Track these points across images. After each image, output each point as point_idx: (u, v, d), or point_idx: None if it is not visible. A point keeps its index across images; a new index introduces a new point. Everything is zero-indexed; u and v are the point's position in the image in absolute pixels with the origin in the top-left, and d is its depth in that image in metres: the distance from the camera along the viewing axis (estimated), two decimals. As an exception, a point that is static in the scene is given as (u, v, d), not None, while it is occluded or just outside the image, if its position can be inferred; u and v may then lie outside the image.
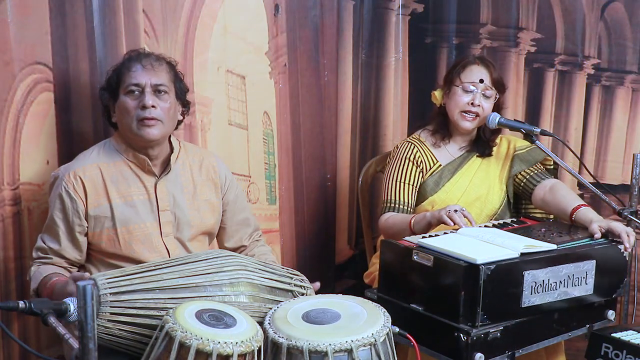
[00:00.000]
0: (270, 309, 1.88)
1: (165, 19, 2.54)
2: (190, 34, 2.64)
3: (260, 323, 1.80)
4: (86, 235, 2.15)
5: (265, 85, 2.93)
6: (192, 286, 1.86)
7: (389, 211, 2.65)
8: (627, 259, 2.30)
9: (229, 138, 2.83)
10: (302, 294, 2.03)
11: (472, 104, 2.60)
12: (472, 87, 2.60)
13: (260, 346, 1.70)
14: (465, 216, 2.35)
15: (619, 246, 2.27)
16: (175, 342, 1.61)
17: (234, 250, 2.41)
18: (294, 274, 2.08)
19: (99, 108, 2.25)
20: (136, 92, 2.11)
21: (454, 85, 2.64)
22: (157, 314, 1.78)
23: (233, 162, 2.77)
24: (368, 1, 3.37)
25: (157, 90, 2.13)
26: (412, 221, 2.48)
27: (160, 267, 1.89)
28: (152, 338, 1.70)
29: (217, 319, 1.71)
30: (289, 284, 2.02)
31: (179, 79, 2.23)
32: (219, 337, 1.63)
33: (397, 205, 2.64)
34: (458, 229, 2.32)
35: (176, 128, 2.27)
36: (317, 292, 2.10)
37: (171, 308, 1.73)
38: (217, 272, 1.90)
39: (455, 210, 2.35)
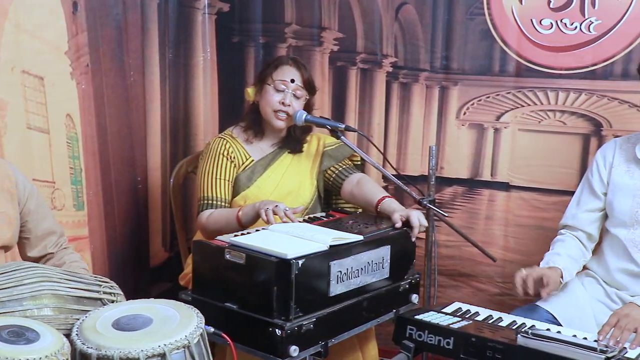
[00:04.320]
0: (78, 319, 1.80)
1: (-53, 15, 2.34)
2: (-22, 32, 2.45)
3: (68, 335, 1.71)
4: None
5: (66, 86, 2.79)
6: (-12, 303, 1.73)
7: (207, 208, 2.62)
8: (416, 244, 2.47)
9: (29, 143, 2.66)
10: (112, 301, 1.96)
11: (283, 103, 2.65)
12: (282, 87, 2.65)
13: (68, 359, 1.63)
14: (278, 213, 2.37)
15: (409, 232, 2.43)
16: (-30, 364, 1.50)
17: (39, 259, 2.28)
18: (103, 281, 2.00)
19: None
20: None
21: (267, 84, 2.67)
22: (-52, 337, 1.64)
23: (34, 168, 2.61)
24: (173, 0, 3.33)
25: None
26: (240, 213, 2.49)
27: (-51, 285, 1.75)
28: (-58, 364, 1.57)
29: (18, 335, 1.60)
30: (98, 291, 1.95)
31: None
32: (19, 354, 1.53)
33: (214, 202, 2.63)
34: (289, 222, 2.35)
35: None
36: (128, 298, 2.04)
37: (-36, 329, 1.60)
38: (17, 285, 1.78)
39: (269, 208, 2.38)
